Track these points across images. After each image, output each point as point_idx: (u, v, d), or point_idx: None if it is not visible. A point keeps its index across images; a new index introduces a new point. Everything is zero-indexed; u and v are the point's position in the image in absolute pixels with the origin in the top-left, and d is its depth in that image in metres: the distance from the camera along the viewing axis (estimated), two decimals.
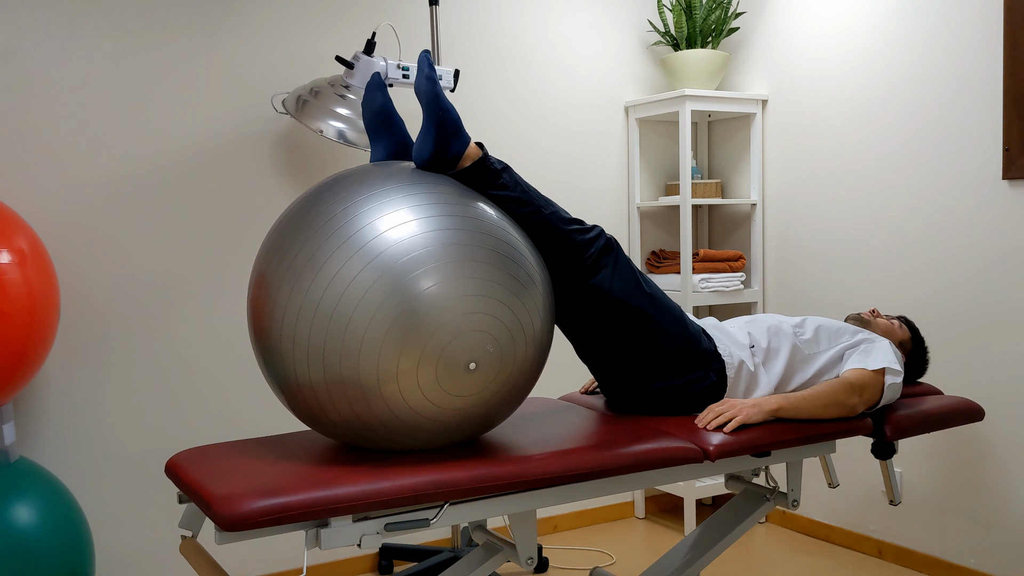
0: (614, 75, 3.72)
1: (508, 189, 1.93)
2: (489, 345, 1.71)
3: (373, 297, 1.64)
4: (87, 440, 2.79)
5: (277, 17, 3.05)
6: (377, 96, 2.03)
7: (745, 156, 3.73)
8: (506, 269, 1.75)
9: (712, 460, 1.94)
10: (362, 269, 1.65)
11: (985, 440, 2.90)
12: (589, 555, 3.35)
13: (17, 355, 2.26)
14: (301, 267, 1.68)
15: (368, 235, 1.67)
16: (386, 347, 1.64)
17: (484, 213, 1.80)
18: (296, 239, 1.72)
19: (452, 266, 1.68)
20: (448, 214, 1.74)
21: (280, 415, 3.09)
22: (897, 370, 2.19)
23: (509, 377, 1.77)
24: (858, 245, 3.27)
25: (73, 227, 2.77)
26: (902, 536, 3.15)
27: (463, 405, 1.73)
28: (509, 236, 1.81)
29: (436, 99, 1.88)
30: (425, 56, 1.91)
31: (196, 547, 1.86)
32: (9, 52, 2.67)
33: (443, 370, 1.68)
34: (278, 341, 1.70)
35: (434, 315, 1.66)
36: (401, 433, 1.74)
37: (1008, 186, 2.80)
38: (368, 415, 1.71)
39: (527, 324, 1.77)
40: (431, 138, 1.86)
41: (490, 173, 1.91)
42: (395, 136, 2.04)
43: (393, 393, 1.68)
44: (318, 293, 1.66)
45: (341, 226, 1.69)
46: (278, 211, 3.07)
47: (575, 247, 1.99)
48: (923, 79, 3.02)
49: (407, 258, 1.66)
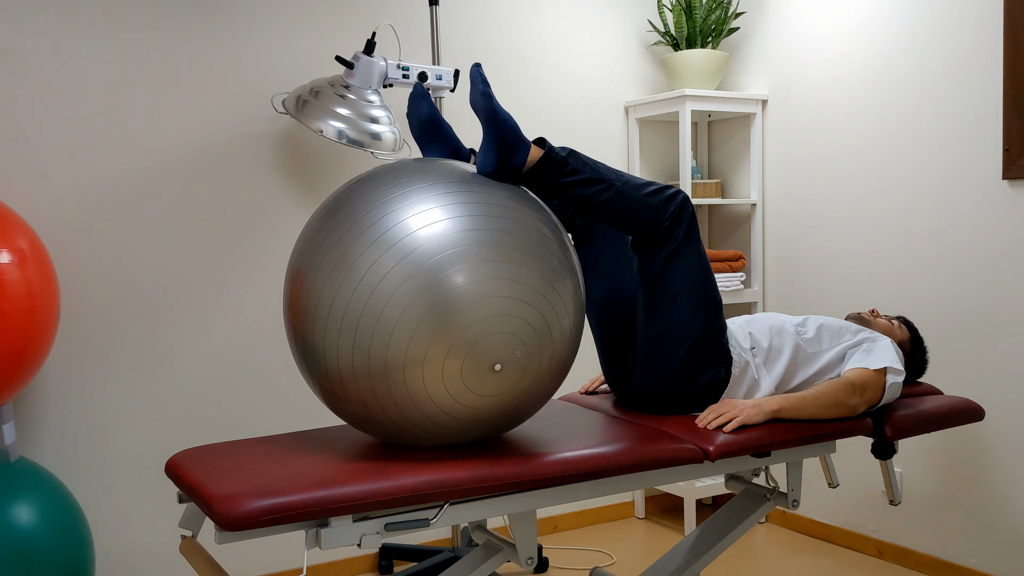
0: (614, 75, 3.72)
1: (579, 172, 1.96)
2: (518, 351, 1.71)
3: (406, 291, 1.65)
4: (87, 440, 2.79)
5: (277, 17, 3.05)
6: (423, 106, 2.03)
7: (745, 156, 3.73)
8: (539, 271, 1.74)
9: (712, 460, 1.94)
10: (395, 264, 1.66)
11: (985, 440, 2.90)
12: (589, 555, 3.35)
13: (17, 355, 2.26)
14: (335, 262, 1.70)
15: (400, 233, 1.68)
16: (417, 334, 1.65)
17: (518, 211, 1.80)
18: (330, 235, 1.74)
19: (487, 266, 1.69)
20: (482, 214, 1.74)
21: (280, 415, 3.09)
22: (899, 369, 2.19)
23: (531, 383, 1.78)
24: (858, 245, 3.27)
25: (73, 227, 2.77)
26: (902, 536, 3.15)
27: (482, 405, 1.74)
28: (543, 233, 1.80)
29: (494, 113, 1.88)
30: (478, 71, 1.92)
31: (196, 547, 1.86)
32: (9, 52, 2.67)
33: (469, 366, 1.68)
34: (311, 326, 1.72)
35: (467, 311, 1.67)
36: (419, 424, 1.74)
37: (1008, 186, 2.80)
38: (387, 400, 1.71)
39: (554, 325, 1.78)
40: (493, 151, 1.88)
41: (557, 164, 1.94)
42: (446, 143, 2.04)
43: (416, 379, 1.68)
44: (351, 286, 1.67)
45: (375, 222, 1.70)
46: (278, 211, 3.07)
47: (652, 210, 2.01)
48: (923, 79, 3.02)
49: (440, 255, 1.67)
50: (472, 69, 1.92)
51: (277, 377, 3.08)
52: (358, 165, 3.20)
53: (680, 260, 2.05)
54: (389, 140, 2.85)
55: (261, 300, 3.05)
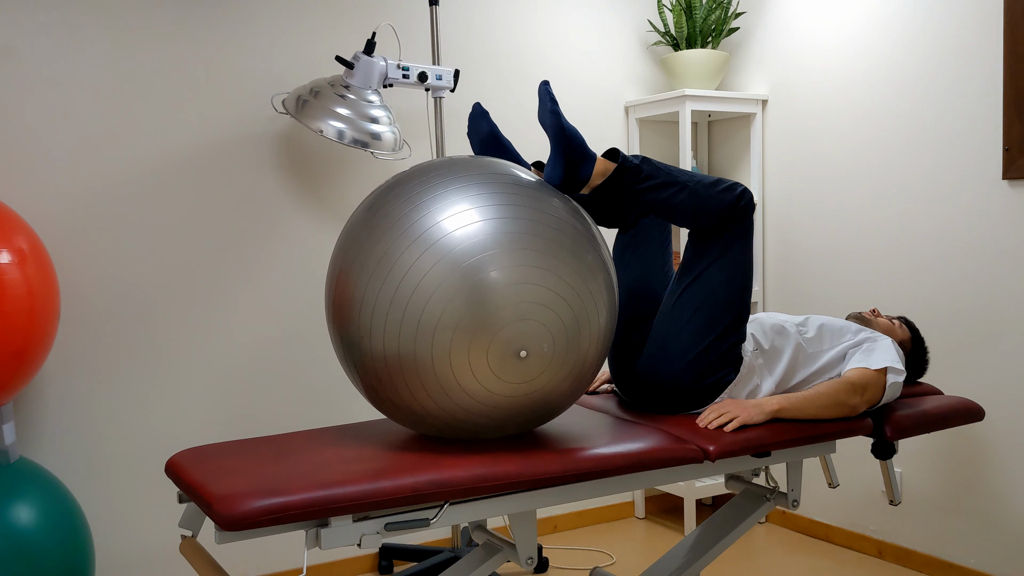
0: (614, 75, 3.72)
1: (654, 178, 2.02)
2: (545, 344, 1.74)
3: (445, 289, 1.70)
4: (87, 440, 2.79)
5: (277, 17, 3.05)
6: (483, 125, 2.14)
7: (745, 156, 3.73)
8: (573, 266, 1.78)
9: (712, 460, 1.94)
10: (435, 264, 1.71)
11: (985, 440, 2.90)
12: (589, 555, 3.35)
13: (17, 355, 2.26)
14: (377, 261, 1.75)
15: (437, 233, 1.73)
16: (452, 320, 1.69)
17: (552, 207, 1.82)
18: (371, 234, 1.79)
19: (516, 254, 1.73)
20: (515, 217, 1.78)
21: (280, 415, 3.09)
22: (899, 369, 2.20)
23: (557, 378, 1.80)
24: (858, 245, 3.27)
25: (73, 227, 2.77)
26: (902, 536, 3.15)
27: (514, 392, 1.76)
28: (576, 228, 1.83)
29: (562, 129, 1.95)
30: (546, 89, 1.98)
31: (196, 547, 1.86)
32: (9, 52, 2.67)
33: (495, 353, 1.71)
34: (356, 321, 1.77)
35: (495, 299, 1.70)
36: (452, 413, 1.77)
37: (1008, 186, 2.80)
38: (421, 392, 1.74)
39: (585, 322, 1.80)
40: (560, 165, 1.95)
41: (632, 172, 2.01)
42: (508, 159, 2.11)
43: (445, 370, 1.72)
44: (394, 284, 1.72)
45: (414, 223, 1.75)
46: (278, 210, 3.07)
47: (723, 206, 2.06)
48: (923, 79, 3.02)
49: (477, 258, 1.71)
50: (540, 87, 1.99)
51: (277, 377, 3.08)
52: (358, 165, 3.20)
53: (730, 254, 2.09)
54: (389, 140, 2.85)
55: (261, 300, 3.05)
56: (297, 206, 3.10)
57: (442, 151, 3.08)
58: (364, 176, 3.21)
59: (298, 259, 3.11)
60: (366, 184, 3.21)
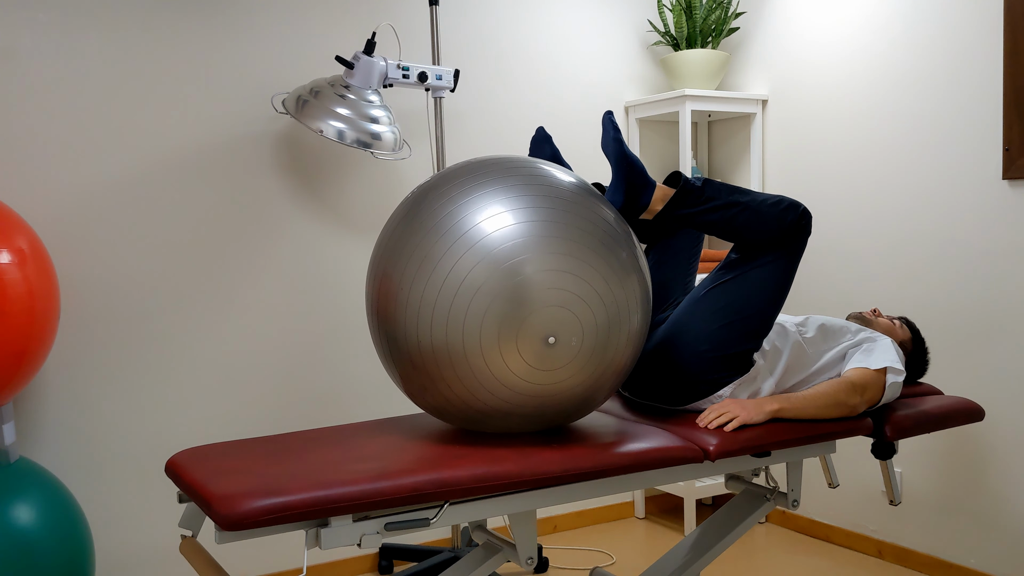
0: (614, 75, 3.72)
1: (716, 199, 2.05)
2: (574, 339, 1.76)
3: (488, 289, 1.73)
4: (87, 440, 2.79)
5: (277, 17, 3.05)
6: (545, 149, 2.19)
7: (745, 156, 3.73)
8: (606, 260, 1.80)
9: (712, 460, 1.94)
10: (475, 265, 1.75)
11: (985, 440, 2.90)
12: (589, 555, 3.35)
13: (17, 355, 2.26)
14: (420, 261, 1.79)
15: (477, 234, 1.77)
16: (487, 321, 1.73)
17: (586, 209, 1.85)
18: (414, 235, 1.83)
19: (550, 257, 1.76)
20: (549, 220, 1.80)
21: (280, 415, 3.09)
22: (899, 369, 2.19)
23: (597, 368, 1.82)
24: (858, 245, 3.27)
25: (73, 227, 2.77)
26: (902, 536, 3.15)
27: (542, 381, 1.78)
28: (611, 228, 1.85)
29: (624, 157, 2.01)
30: (610, 118, 2.05)
31: (196, 547, 1.86)
32: (9, 52, 2.67)
33: (526, 346, 1.74)
34: (400, 319, 1.81)
35: (532, 297, 1.74)
36: (487, 404, 1.80)
37: (1008, 186, 2.80)
38: (458, 383, 1.78)
39: (616, 327, 1.82)
40: (621, 192, 2.02)
41: (694, 195, 2.04)
42: None
43: (479, 363, 1.74)
44: (438, 284, 1.76)
45: (454, 223, 1.79)
46: (278, 211, 3.07)
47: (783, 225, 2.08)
48: (923, 79, 3.02)
49: (514, 259, 1.75)
50: (604, 117, 2.06)
51: (277, 377, 3.08)
52: (358, 165, 3.20)
53: (775, 267, 2.10)
54: (389, 140, 2.85)
55: (261, 299, 3.05)
56: (297, 206, 3.10)
57: (442, 151, 3.08)
58: (364, 176, 3.22)
59: (298, 259, 3.11)
60: (366, 184, 3.21)
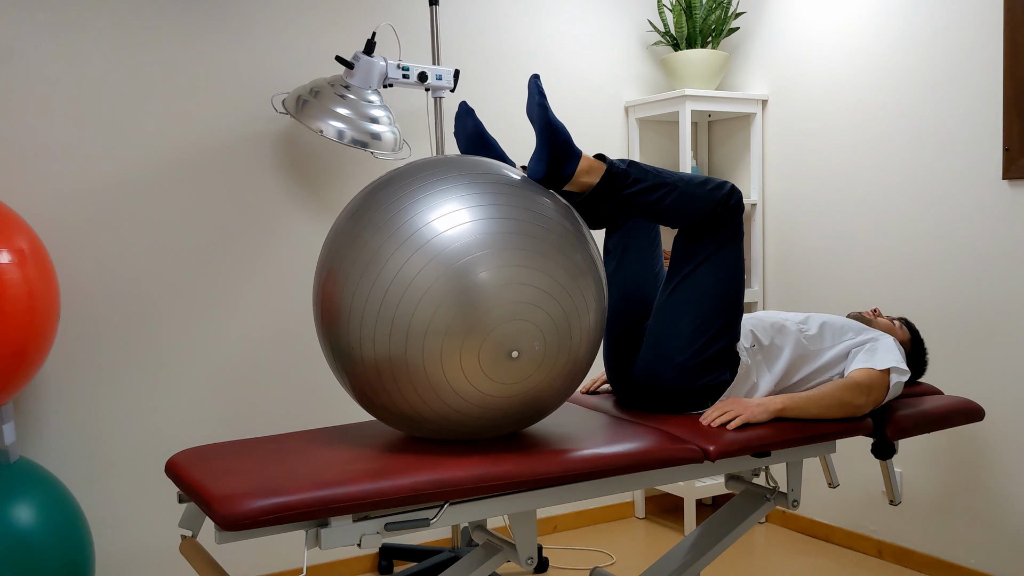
0: (614, 75, 3.72)
1: (643, 181, 2.00)
2: (537, 343, 1.73)
3: (435, 292, 1.68)
4: (87, 440, 2.79)
5: (277, 17, 3.05)
6: (468, 122, 2.12)
7: (745, 156, 3.73)
8: (563, 265, 1.77)
9: (712, 460, 1.94)
10: (425, 265, 1.70)
11: (985, 440, 2.90)
12: (589, 555, 3.35)
13: (17, 355, 2.26)
14: (367, 260, 1.73)
15: (428, 233, 1.71)
16: (443, 323, 1.68)
17: (542, 206, 1.82)
18: (361, 234, 1.77)
19: (511, 254, 1.72)
20: (505, 216, 1.77)
21: (280, 415, 3.09)
22: (903, 369, 2.19)
23: (549, 377, 1.80)
24: (858, 245, 3.27)
25: (73, 227, 2.77)
26: (902, 536, 3.15)
27: (498, 392, 1.76)
28: (565, 228, 1.82)
29: (548, 123, 1.94)
30: (536, 82, 1.97)
31: (196, 547, 1.86)
32: (9, 52, 2.67)
33: (487, 355, 1.70)
34: (344, 323, 1.76)
35: (486, 301, 1.69)
36: (443, 415, 1.77)
37: (1008, 186, 2.80)
38: (414, 396, 1.74)
39: (575, 321, 1.79)
40: (544, 160, 1.93)
41: (620, 177, 1.98)
42: (492, 157, 2.10)
43: (435, 364, 1.70)
44: (384, 284, 1.70)
45: (405, 223, 1.74)
46: (278, 210, 3.07)
47: (713, 204, 2.06)
48: (923, 79, 3.02)
49: (467, 259, 1.70)
50: (530, 81, 1.98)
51: (277, 377, 3.08)
52: (358, 165, 3.20)
53: (721, 255, 2.08)
54: (389, 140, 2.85)
55: (261, 300, 3.05)
56: (297, 206, 3.10)
57: (442, 151, 3.08)
58: (364, 176, 3.22)
59: (298, 259, 3.11)
60: (366, 184, 3.21)
